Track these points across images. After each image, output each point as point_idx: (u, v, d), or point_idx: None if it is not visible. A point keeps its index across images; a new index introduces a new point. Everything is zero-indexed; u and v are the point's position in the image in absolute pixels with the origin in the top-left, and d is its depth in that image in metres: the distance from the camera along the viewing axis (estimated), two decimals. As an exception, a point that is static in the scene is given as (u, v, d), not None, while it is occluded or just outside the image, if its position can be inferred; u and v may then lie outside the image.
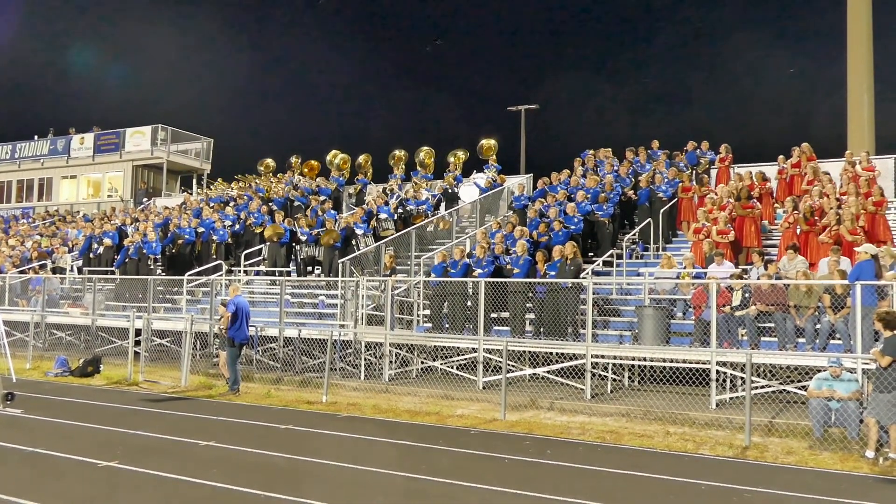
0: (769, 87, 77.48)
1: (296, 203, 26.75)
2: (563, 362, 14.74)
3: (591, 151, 25.28)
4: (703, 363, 13.13)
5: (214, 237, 24.15)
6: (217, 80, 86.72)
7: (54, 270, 25.90)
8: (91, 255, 25.88)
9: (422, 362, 16.98)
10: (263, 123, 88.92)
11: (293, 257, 22.94)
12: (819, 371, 11.35)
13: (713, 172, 22.62)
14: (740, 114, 76.81)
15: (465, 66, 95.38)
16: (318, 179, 29.53)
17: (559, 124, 78.65)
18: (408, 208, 24.27)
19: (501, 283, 16.14)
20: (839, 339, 12.98)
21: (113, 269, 24.37)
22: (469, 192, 25.39)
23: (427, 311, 17.83)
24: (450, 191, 25.67)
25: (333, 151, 30.50)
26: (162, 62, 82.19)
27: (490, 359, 15.43)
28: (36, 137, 42.46)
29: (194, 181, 40.69)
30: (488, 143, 27.65)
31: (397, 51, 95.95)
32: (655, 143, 24.39)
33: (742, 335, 13.96)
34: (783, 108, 74.58)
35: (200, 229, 24.65)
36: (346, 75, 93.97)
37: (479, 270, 17.11)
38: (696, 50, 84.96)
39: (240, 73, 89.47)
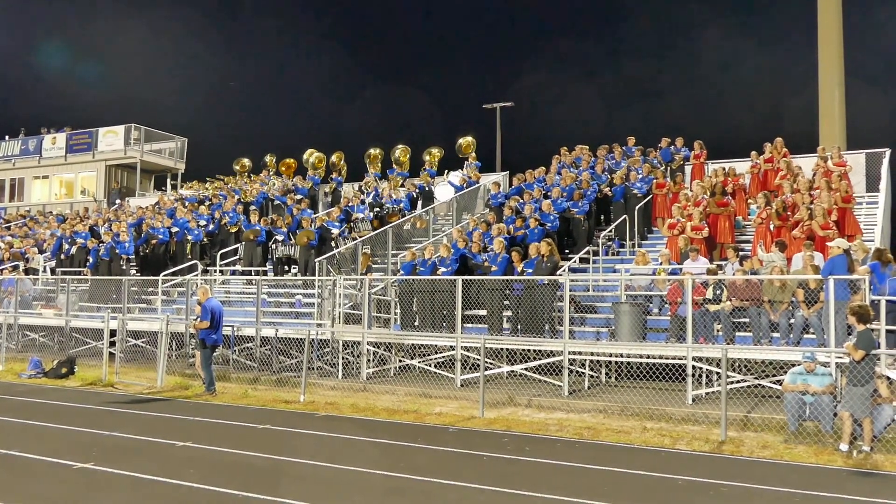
0: (742, 82, 78.26)
1: (275, 202, 26.62)
2: (540, 359, 14.78)
3: (565, 148, 25.34)
4: (680, 359, 13.22)
5: (189, 237, 23.98)
6: (190, 79, 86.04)
7: (27, 271, 25.62)
8: (63, 256, 25.63)
9: (399, 360, 16.97)
10: (238, 122, 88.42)
11: (269, 256, 22.84)
12: (794, 365, 11.47)
13: (688, 169, 22.77)
14: (714, 109, 77.51)
15: (440, 63, 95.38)
16: (294, 178, 29.46)
17: (534, 121, 78.88)
18: (384, 206, 24.26)
19: (478, 280, 16.18)
20: (813, 333, 13.11)
21: (86, 269, 24.14)
22: (444, 190, 25.38)
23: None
24: (427, 189, 25.66)
25: (309, 150, 30.46)
26: (134, 61, 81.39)
27: (468, 356, 15.44)
28: (7, 137, 41.98)
29: (168, 181, 40.38)
30: (467, 140, 27.67)
31: (372, 49, 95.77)
32: (631, 140, 24.52)
33: (717, 330, 14.06)
34: (756, 104, 75.35)
35: (174, 229, 24.47)
36: (321, 73, 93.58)
37: (444, 269, 17.14)
38: (671, 45, 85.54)
39: (214, 71, 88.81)
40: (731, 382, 12.92)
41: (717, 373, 12.83)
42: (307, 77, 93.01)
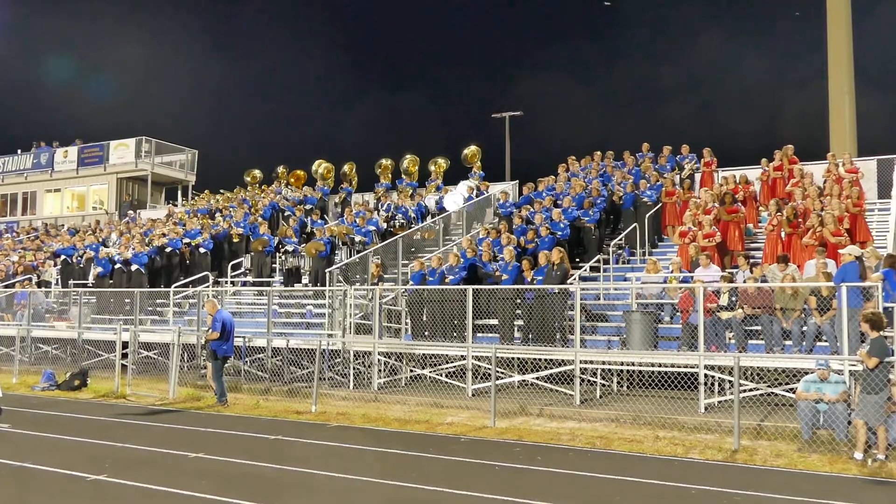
0: (746, 87, 78.19)
1: (286, 213, 26.70)
2: (551, 368, 14.75)
3: (573, 157, 25.35)
4: (692, 367, 13.17)
5: (201, 248, 24.05)
6: (200, 91, 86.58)
7: (39, 284, 25.74)
8: (74, 268, 25.76)
9: (410, 370, 16.95)
10: (248, 133, 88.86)
11: (280, 267, 22.89)
12: (807, 373, 11.41)
13: (697, 177, 22.72)
14: (717, 113, 77.48)
15: (442, 72, 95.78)
16: (304, 189, 29.57)
17: (537, 129, 78.92)
18: (395, 217, 24.32)
19: (488, 289, 16.16)
20: (826, 341, 13.03)
21: (96, 281, 24.24)
22: (453, 201, 25.39)
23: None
24: (436, 201, 25.69)
25: (318, 161, 30.57)
26: (144, 74, 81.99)
27: (479, 366, 15.42)
28: (19, 151, 42.29)
29: (179, 193, 40.55)
30: (472, 150, 27.68)
31: (375, 57, 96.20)
32: (645, 146, 24.43)
33: (729, 338, 13.99)
34: (759, 110, 75.26)
35: (186, 240, 24.56)
36: (330, 84, 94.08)
37: (451, 277, 17.14)
38: (672, 49, 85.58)
39: (223, 83, 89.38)
40: (744, 391, 12.86)
41: (730, 381, 12.77)
42: (312, 87, 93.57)
